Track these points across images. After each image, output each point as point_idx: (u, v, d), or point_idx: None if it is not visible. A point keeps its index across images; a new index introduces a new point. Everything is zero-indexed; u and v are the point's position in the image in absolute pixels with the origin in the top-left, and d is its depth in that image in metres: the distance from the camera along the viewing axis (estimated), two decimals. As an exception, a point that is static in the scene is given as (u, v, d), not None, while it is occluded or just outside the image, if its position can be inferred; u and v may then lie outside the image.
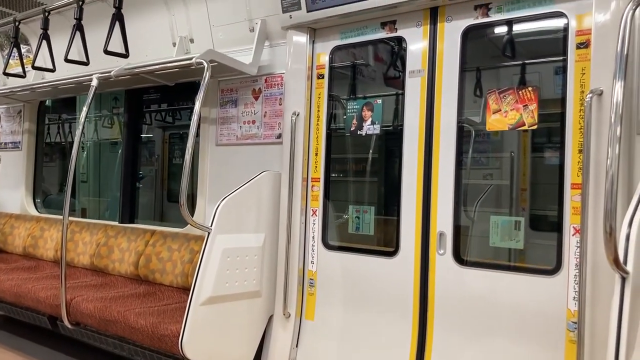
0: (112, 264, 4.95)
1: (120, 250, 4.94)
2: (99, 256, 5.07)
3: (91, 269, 5.17)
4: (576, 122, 2.95)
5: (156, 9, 4.82)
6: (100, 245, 5.12)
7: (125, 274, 4.85)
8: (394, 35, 3.68)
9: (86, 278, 5.04)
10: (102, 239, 5.17)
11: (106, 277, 4.98)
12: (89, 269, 5.19)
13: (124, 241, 4.98)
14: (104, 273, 5.04)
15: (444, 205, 3.36)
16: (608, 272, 2.51)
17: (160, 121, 8.08)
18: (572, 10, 3.01)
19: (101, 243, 5.13)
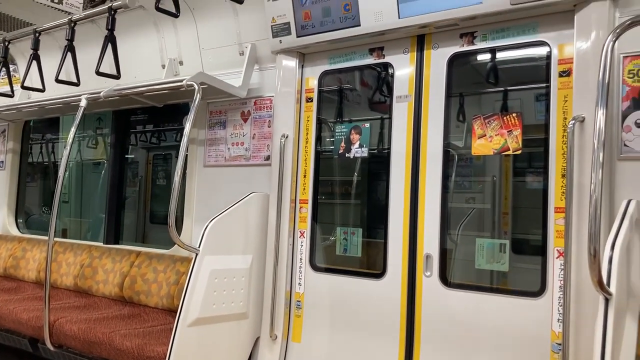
0: (97, 285, 4.91)
1: (105, 272, 4.90)
2: (83, 277, 5.02)
3: (74, 290, 5.12)
4: (559, 148, 3.04)
5: (146, 31, 4.87)
6: (84, 266, 5.08)
7: (109, 296, 4.80)
8: (381, 62, 3.77)
9: (69, 299, 4.98)
10: (86, 259, 5.13)
11: (90, 299, 4.93)
12: (72, 290, 5.13)
13: (109, 262, 4.94)
14: (88, 294, 4.99)
15: (430, 228, 3.41)
16: (591, 294, 2.58)
17: (144, 142, 8.07)
18: (555, 39, 3.12)
19: (85, 264, 5.09)
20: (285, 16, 3.88)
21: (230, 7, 4.27)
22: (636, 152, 2.81)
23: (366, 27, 3.60)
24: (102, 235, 5.48)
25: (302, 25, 3.84)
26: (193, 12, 4.52)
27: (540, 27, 3.17)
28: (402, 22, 3.47)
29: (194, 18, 4.56)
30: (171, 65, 4.81)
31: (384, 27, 3.55)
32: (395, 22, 3.49)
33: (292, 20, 3.86)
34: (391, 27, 3.53)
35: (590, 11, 2.91)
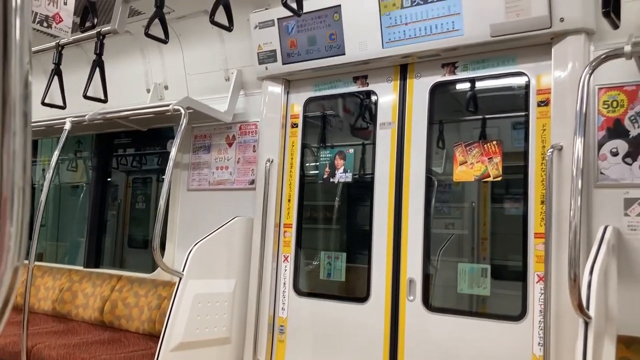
0: (76, 309, 4.84)
1: (85, 296, 4.84)
2: (62, 301, 4.96)
3: (53, 314, 5.04)
4: (538, 175, 3.13)
5: (131, 55, 4.91)
6: (63, 290, 5.01)
7: (89, 320, 4.74)
8: (365, 89, 3.86)
9: (47, 324, 4.90)
10: (65, 283, 5.06)
11: (69, 324, 4.86)
12: (51, 314, 5.05)
13: (89, 286, 4.89)
14: (67, 319, 4.92)
15: (413, 252, 3.47)
16: (571, 318, 2.64)
17: (125, 165, 8.03)
18: (533, 70, 3.24)
19: (65, 288, 5.02)
20: (271, 44, 3.96)
21: (216, 34, 4.34)
22: (612, 179, 2.91)
23: (351, 56, 3.69)
24: (81, 259, 5.42)
25: (288, 53, 3.92)
26: (179, 38, 4.58)
27: (519, 59, 3.29)
28: (385, 51, 3.57)
29: (180, 44, 4.62)
30: (156, 89, 4.85)
31: (368, 57, 3.65)
32: (379, 51, 3.59)
33: (278, 48, 3.94)
34: (375, 56, 3.62)
35: (566, 44, 3.04)
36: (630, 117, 2.90)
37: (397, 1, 3.46)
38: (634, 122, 2.90)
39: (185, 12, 4.35)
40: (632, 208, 2.85)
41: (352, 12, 3.62)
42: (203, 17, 4.21)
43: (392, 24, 3.50)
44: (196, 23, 4.40)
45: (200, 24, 4.32)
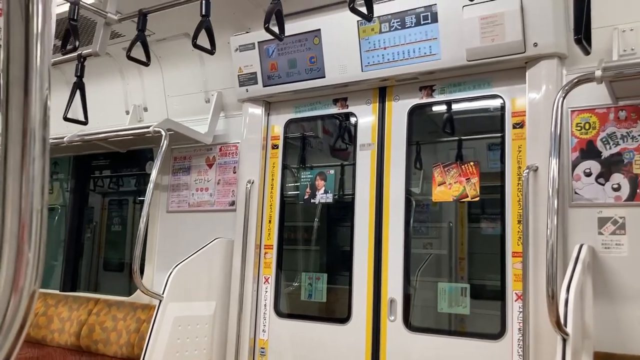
0: (51, 334, 4.75)
1: (61, 320, 4.76)
2: (37, 326, 4.85)
3: (27, 340, 4.93)
4: (514, 195, 3.20)
5: (111, 77, 4.91)
6: (38, 314, 4.91)
7: (65, 345, 4.65)
8: (345, 111, 3.92)
9: (21, 350, 4.77)
10: (40, 308, 4.96)
11: (44, 349, 4.75)
12: (25, 340, 4.90)
13: (65, 310, 4.80)
14: (42, 344, 4.81)
15: (394, 273, 3.50)
16: (549, 335, 2.69)
17: (101, 187, 7.95)
18: (508, 94, 3.33)
19: (40, 312, 4.92)
20: (252, 66, 4.01)
21: (197, 56, 4.37)
22: (586, 199, 2.99)
23: (331, 78, 3.75)
24: (56, 283, 5.33)
25: (268, 75, 3.97)
26: (159, 60, 4.60)
27: (495, 82, 3.38)
28: (364, 75, 3.64)
29: (160, 65, 4.64)
30: (135, 111, 4.85)
31: (348, 80, 3.71)
32: (359, 74, 3.66)
33: (258, 70, 3.99)
34: (354, 79, 3.69)
35: (540, 68, 3.14)
36: (602, 139, 3.00)
37: (375, 26, 3.54)
38: (605, 143, 2.99)
39: (166, 34, 4.38)
40: (605, 227, 2.93)
41: (331, 36, 3.69)
42: (183, 40, 4.25)
43: (371, 48, 3.57)
44: (176, 45, 4.43)
45: (181, 46, 4.36)
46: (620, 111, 2.98)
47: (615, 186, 2.94)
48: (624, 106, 2.97)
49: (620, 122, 2.98)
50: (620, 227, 2.90)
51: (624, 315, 2.83)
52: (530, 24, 3.07)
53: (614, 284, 2.88)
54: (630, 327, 2.81)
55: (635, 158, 2.91)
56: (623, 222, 2.90)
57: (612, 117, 3.00)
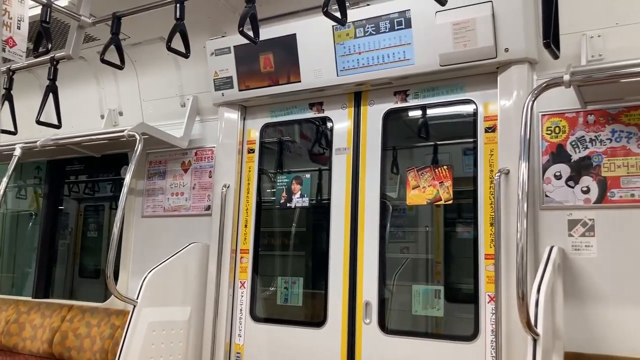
0: (23, 342, 4.66)
1: (33, 327, 4.68)
2: (8, 334, 4.76)
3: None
4: (487, 198, 3.25)
5: (85, 81, 4.87)
6: (10, 322, 4.83)
7: (37, 353, 4.57)
8: (321, 116, 3.93)
9: (-8, 359, 4.70)
10: (12, 315, 4.88)
11: (15, 357, 4.66)
12: (-4, 348, 4.85)
13: (38, 317, 4.72)
14: (13, 352, 4.72)
15: (369, 276, 3.52)
16: (521, 336, 2.73)
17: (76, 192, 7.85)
18: (480, 98, 3.38)
19: (11, 320, 4.84)
20: (227, 70, 4.01)
21: (172, 60, 4.37)
22: (556, 202, 3.05)
23: (306, 83, 3.77)
24: (28, 290, 5.25)
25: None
26: (135, 64, 4.58)
27: (467, 87, 3.43)
28: (340, 79, 3.66)
29: (135, 70, 4.61)
30: (110, 115, 4.81)
31: (323, 84, 3.73)
32: (334, 79, 3.68)
33: (234, 74, 3.99)
34: (330, 84, 3.71)
35: (511, 73, 3.20)
36: (571, 143, 3.06)
37: (350, 31, 3.57)
38: (575, 147, 3.05)
39: (141, 38, 4.36)
40: (575, 229, 2.99)
41: (307, 41, 3.71)
42: (159, 44, 4.24)
43: (346, 53, 3.60)
44: (152, 49, 4.41)
45: (156, 50, 4.34)
46: (589, 115, 3.04)
47: (584, 189, 2.99)
48: (593, 110, 3.04)
49: (589, 126, 3.04)
50: (589, 229, 2.96)
51: (593, 315, 2.88)
52: (502, 29, 3.13)
53: (584, 285, 2.93)
54: (600, 327, 2.86)
55: (603, 161, 2.97)
56: (592, 224, 2.96)
57: (581, 121, 3.06)
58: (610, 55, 2.98)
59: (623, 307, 2.83)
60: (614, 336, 2.81)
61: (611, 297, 2.86)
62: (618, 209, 2.91)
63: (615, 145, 2.96)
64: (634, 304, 2.81)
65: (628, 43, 2.96)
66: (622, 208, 2.90)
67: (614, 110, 2.99)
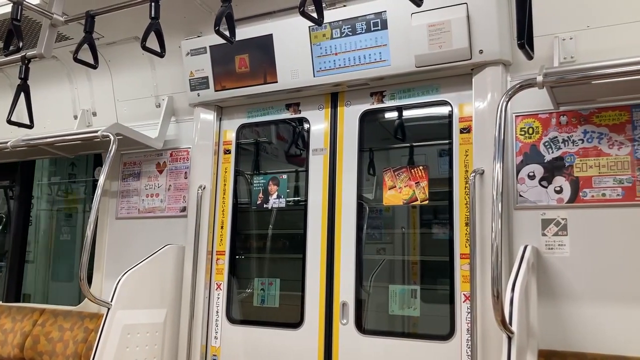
0: (-7, 347, 4.57)
1: (3, 332, 4.58)
2: (-23, 339, 4.66)
3: (-33, 354, 4.73)
4: (462, 198, 3.28)
5: (58, 81, 4.80)
6: (-21, 327, 4.72)
7: (7, 358, 4.47)
8: (298, 116, 3.93)
9: (-40, 364, 4.59)
10: (-19, 320, 4.77)
11: (-15, 362, 4.57)
12: (-36, 354, 4.74)
13: (8, 322, 4.63)
14: (-18, 358, 4.63)
15: (346, 276, 3.52)
16: (496, 335, 2.75)
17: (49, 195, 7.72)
18: (455, 99, 3.41)
19: (-19, 325, 4.73)
20: (203, 70, 3.98)
21: (147, 60, 4.32)
22: (530, 202, 3.09)
23: (283, 83, 3.76)
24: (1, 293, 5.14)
25: (220, 79, 3.95)
26: (109, 64, 4.52)
27: (442, 88, 3.46)
28: (316, 80, 3.66)
29: (109, 70, 4.55)
30: (84, 116, 4.74)
31: (300, 85, 3.73)
32: (310, 80, 3.68)
33: (210, 74, 3.96)
34: (306, 84, 3.71)
35: (485, 74, 3.23)
36: (544, 143, 3.11)
37: (327, 32, 3.57)
38: (548, 147, 3.10)
39: (115, 38, 4.31)
40: (548, 228, 3.03)
41: (283, 41, 3.70)
42: (133, 44, 4.19)
43: (323, 53, 3.60)
44: (126, 49, 4.36)
45: (131, 50, 4.29)
46: (561, 116, 3.09)
47: (557, 189, 3.04)
48: (565, 111, 3.08)
49: (561, 126, 3.09)
50: (562, 228, 3.00)
51: (566, 313, 2.93)
52: (476, 31, 3.16)
53: (557, 284, 2.97)
54: (573, 325, 2.90)
55: (575, 161, 3.02)
56: (565, 223, 3.00)
57: (554, 122, 3.11)
58: (582, 57, 3.03)
59: (595, 305, 2.88)
60: (587, 333, 2.86)
61: (583, 295, 2.90)
62: (590, 209, 2.96)
63: (587, 146, 3.01)
64: (605, 302, 2.86)
65: (599, 45, 3.02)
66: (593, 207, 2.95)
67: (585, 112, 3.04)
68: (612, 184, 2.92)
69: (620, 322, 2.81)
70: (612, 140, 2.96)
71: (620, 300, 2.83)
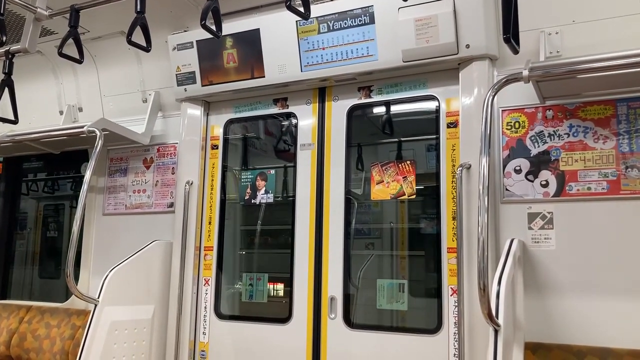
0: (-21, 345, 4.53)
1: (-11, 330, 4.54)
2: (-37, 337, 4.61)
3: (-48, 351, 4.68)
4: (449, 193, 3.29)
5: (43, 76, 4.76)
6: (-35, 324, 4.67)
7: (-6, 356, 4.45)
8: (285, 111, 3.92)
9: (-54, 363, 4.55)
10: (-33, 317, 4.72)
11: (-30, 360, 4.53)
12: (-51, 352, 4.69)
13: (-6, 319, 4.59)
14: (-32, 356, 4.58)
15: (334, 271, 3.52)
16: (482, 328, 2.78)
17: (35, 191, 7.65)
18: (442, 94, 3.42)
19: (-34, 322, 4.68)
20: (190, 65, 3.96)
21: (133, 55, 4.29)
22: (517, 195, 3.10)
23: (270, 78, 3.75)
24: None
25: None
26: (95, 59, 4.48)
27: (430, 83, 3.47)
28: (304, 75, 3.65)
29: (95, 65, 4.52)
30: (70, 111, 4.71)
31: (287, 79, 3.72)
32: (298, 74, 3.67)
33: (197, 69, 3.94)
34: (294, 79, 3.70)
35: (472, 69, 3.24)
36: (530, 137, 3.12)
37: (314, 26, 3.56)
38: (534, 141, 3.11)
39: (101, 32, 4.27)
40: (535, 222, 3.05)
41: (271, 35, 3.69)
42: (119, 38, 4.16)
43: (310, 48, 3.59)
44: (112, 44, 4.33)
45: (117, 45, 4.26)
46: (547, 110, 3.11)
47: (543, 182, 3.06)
48: (551, 106, 3.10)
49: (547, 121, 3.11)
50: (548, 222, 3.02)
51: (552, 306, 2.95)
52: (463, 26, 3.17)
53: (543, 277, 2.99)
54: (559, 318, 2.93)
55: (561, 155, 3.04)
56: (551, 217, 3.02)
57: (540, 116, 3.13)
58: (567, 52, 3.05)
59: (581, 297, 2.90)
60: (573, 326, 2.89)
61: (569, 288, 2.93)
62: (576, 202, 2.98)
63: (572, 140, 3.03)
64: (591, 295, 2.88)
65: (585, 40, 3.03)
66: (579, 201, 2.97)
67: (571, 106, 3.06)
68: (597, 178, 2.94)
69: (605, 314, 2.83)
70: (598, 134, 2.98)
71: (605, 293, 2.85)
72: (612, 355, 2.73)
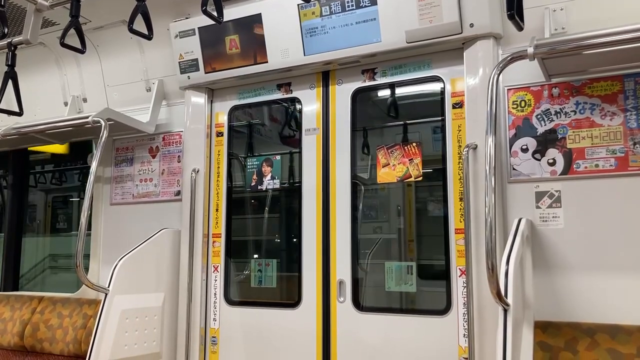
0: (-7, 336, 4.58)
1: (2, 321, 4.59)
2: (-23, 329, 4.67)
3: (-34, 343, 4.74)
4: (456, 174, 3.28)
5: (47, 67, 4.75)
6: (-23, 316, 4.73)
7: (8, 346, 4.49)
8: (289, 96, 3.90)
9: (-39, 354, 4.61)
10: (-21, 309, 4.78)
11: (-15, 352, 4.58)
12: (-37, 344, 4.75)
13: (7, 310, 4.63)
14: (-17, 347, 4.64)
15: (342, 254, 3.53)
16: (492, 308, 2.78)
17: (43, 184, 7.70)
18: (447, 74, 3.39)
19: (-21, 314, 4.74)
20: (193, 53, 3.94)
21: (136, 44, 4.28)
22: (524, 175, 3.09)
23: (273, 63, 3.73)
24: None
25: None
26: (97, 49, 4.47)
27: (434, 63, 3.44)
28: (307, 59, 3.63)
29: (98, 55, 4.51)
30: (74, 102, 4.70)
31: (291, 64, 3.70)
32: (301, 59, 3.65)
33: (200, 56, 3.93)
34: (297, 63, 3.68)
35: (477, 48, 3.21)
36: (537, 116, 3.10)
37: (316, 10, 3.53)
38: (540, 120, 3.09)
39: (103, 22, 4.26)
40: (542, 201, 3.04)
41: (273, 20, 3.66)
42: (121, 27, 4.14)
43: (313, 32, 3.57)
44: (114, 33, 4.31)
45: (119, 34, 4.25)
46: (553, 88, 3.08)
47: (550, 161, 3.04)
48: (557, 83, 3.07)
49: (553, 98, 3.08)
50: (556, 200, 3.01)
51: (561, 284, 2.94)
52: (466, 5, 3.13)
53: (552, 255, 2.99)
54: (568, 296, 2.92)
55: (568, 133, 3.01)
56: (559, 195, 3.01)
57: (546, 94, 3.10)
58: (572, 28, 3.01)
59: (589, 275, 2.90)
60: (581, 304, 2.88)
61: (578, 266, 2.92)
62: (583, 180, 2.96)
63: (579, 117, 3.00)
64: (600, 272, 2.87)
65: (590, 16, 2.99)
66: (587, 179, 2.95)
67: (577, 83, 3.03)
68: (605, 155, 2.92)
69: (614, 291, 2.83)
70: (605, 111, 2.95)
71: (614, 270, 2.85)
72: (622, 331, 2.73)
